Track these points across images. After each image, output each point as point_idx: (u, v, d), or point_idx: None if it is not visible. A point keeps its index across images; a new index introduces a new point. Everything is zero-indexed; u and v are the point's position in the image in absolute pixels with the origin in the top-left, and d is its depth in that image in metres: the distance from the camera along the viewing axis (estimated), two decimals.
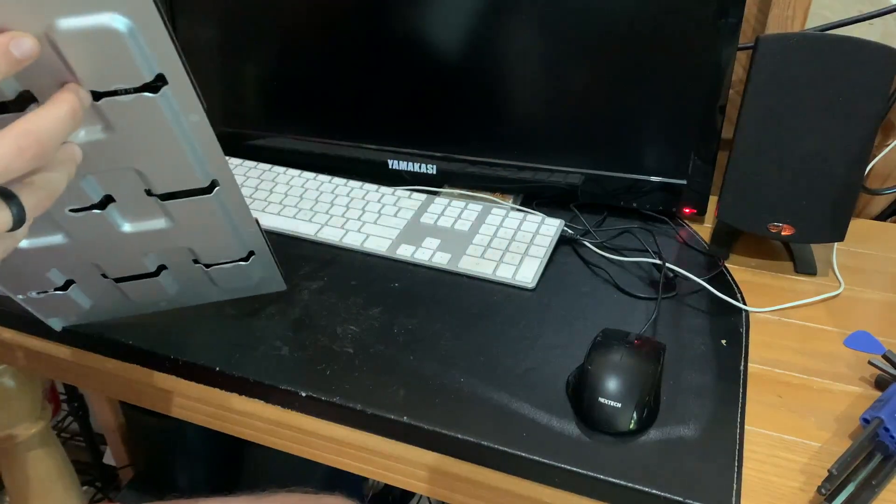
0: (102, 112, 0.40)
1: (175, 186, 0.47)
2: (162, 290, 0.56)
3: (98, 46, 0.37)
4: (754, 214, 0.67)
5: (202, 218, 0.49)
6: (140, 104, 0.41)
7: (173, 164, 0.45)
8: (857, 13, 0.72)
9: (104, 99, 0.40)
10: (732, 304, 0.63)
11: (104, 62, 0.38)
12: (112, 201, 0.47)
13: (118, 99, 0.40)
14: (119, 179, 0.46)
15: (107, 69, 0.39)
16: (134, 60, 0.38)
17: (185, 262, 0.54)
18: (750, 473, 0.47)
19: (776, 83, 0.62)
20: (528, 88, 0.74)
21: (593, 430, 0.49)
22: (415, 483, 0.54)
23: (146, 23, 0.37)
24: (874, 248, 0.74)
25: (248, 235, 0.53)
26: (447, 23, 0.73)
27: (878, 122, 0.62)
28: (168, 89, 0.41)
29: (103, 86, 0.39)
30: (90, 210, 0.47)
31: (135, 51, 0.38)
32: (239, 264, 0.55)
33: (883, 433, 0.47)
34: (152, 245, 0.51)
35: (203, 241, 0.52)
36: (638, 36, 0.68)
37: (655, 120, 0.72)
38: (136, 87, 0.40)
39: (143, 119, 0.41)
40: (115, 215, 0.48)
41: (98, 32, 0.36)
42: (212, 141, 0.45)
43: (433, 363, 0.55)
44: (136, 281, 0.54)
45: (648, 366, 0.51)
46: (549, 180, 0.77)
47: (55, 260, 0.51)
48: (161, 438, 1.12)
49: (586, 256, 0.70)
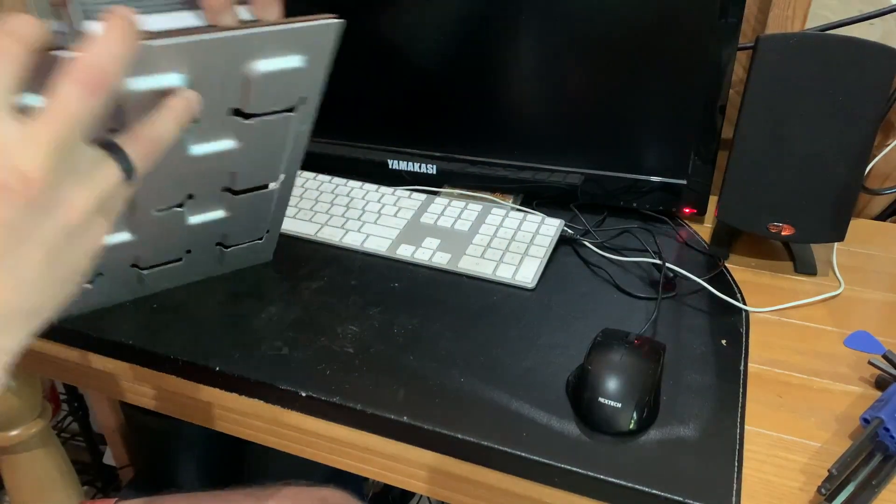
0: (243, 129, 0.41)
1: (255, 183, 0.47)
2: (176, 273, 0.55)
3: (277, 79, 0.39)
4: (754, 214, 0.67)
5: (255, 206, 0.50)
6: (278, 121, 0.43)
7: (268, 165, 0.46)
8: (857, 13, 0.72)
9: (253, 118, 0.40)
10: (732, 304, 0.63)
11: (274, 91, 0.40)
12: (191, 198, 0.47)
13: (264, 118, 0.41)
14: (211, 180, 0.46)
15: (273, 96, 0.41)
16: (297, 88, 0.41)
17: (209, 246, 0.54)
18: (750, 473, 0.47)
19: (776, 83, 0.62)
20: (528, 88, 0.74)
21: (593, 430, 0.49)
22: (415, 483, 0.54)
23: (319, 59, 0.40)
24: (874, 248, 0.74)
25: (278, 217, 0.53)
26: (447, 22, 0.73)
27: (878, 122, 0.62)
28: (304, 108, 0.42)
29: (261, 108, 0.40)
30: (172, 209, 0.47)
31: (301, 81, 0.41)
32: (255, 243, 0.55)
33: (883, 433, 0.47)
34: (200, 234, 0.51)
35: (243, 226, 0.52)
36: (638, 36, 0.68)
37: (655, 120, 0.72)
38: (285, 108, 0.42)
39: (271, 132, 0.43)
40: (187, 212, 0.48)
41: (284, 69, 0.39)
42: (306, 143, 0.46)
43: (433, 363, 0.55)
44: (161, 268, 0.54)
45: (648, 366, 0.51)
46: (549, 180, 0.77)
47: (103, 256, 0.50)
48: (161, 438, 1.12)
49: (586, 256, 0.70)
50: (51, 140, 0.28)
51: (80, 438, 1.30)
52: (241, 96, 0.39)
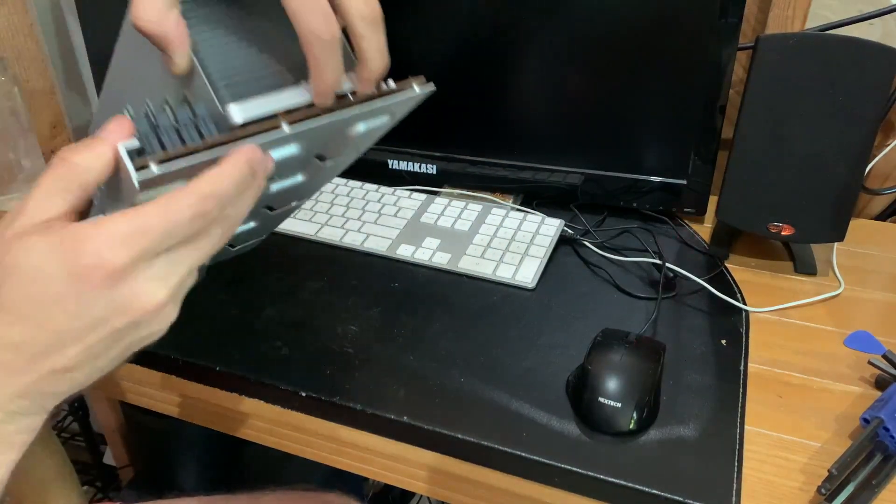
0: (316, 167, 0.42)
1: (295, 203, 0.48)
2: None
3: (366, 135, 0.40)
4: (754, 214, 0.67)
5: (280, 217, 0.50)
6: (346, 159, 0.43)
7: (316, 189, 0.47)
8: (857, 13, 0.72)
9: (329, 160, 0.41)
10: (732, 304, 0.63)
11: (358, 142, 0.41)
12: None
13: (337, 159, 0.42)
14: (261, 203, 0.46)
15: (354, 145, 0.41)
16: (376, 136, 0.41)
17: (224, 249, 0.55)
18: (750, 473, 0.47)
19: (776, 83, 0.62)
20: (529, 88, 0.74)
21: (593, 429, 0.49)
22: (415, 483, 0.54)
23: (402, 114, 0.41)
24: (874, 248, 0.74)
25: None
26: (447, 23, 0.73)
27: (878, 122, 0.62)
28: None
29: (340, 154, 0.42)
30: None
31: (382, 132, 0.41)
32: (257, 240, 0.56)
33: (883, 433, 0.47)
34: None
35: (261, 233, 0.52)
36: (638, 36, 0.68)
37: (655, 120, 0.71)
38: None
39: (336, 167, 0.43)
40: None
41: (375, 127, 0.40)
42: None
43: (433, 363, 0.55)
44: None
45: (648, 366, 0.51)
46: (549, 180, 0.77)
47: None
48: (161, 438, 1.12)
49: (586, 256, 0.70)
50: (145, 243, 0.29)
51: (80, 438, 1.30)
52: (329, 149, 0.40)
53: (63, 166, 0.30)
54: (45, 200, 0.29)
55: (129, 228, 0.28)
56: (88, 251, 0.28)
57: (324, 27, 0.32)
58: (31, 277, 0.28)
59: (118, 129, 0.30)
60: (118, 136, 0.30)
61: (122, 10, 0.36)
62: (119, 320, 0.30)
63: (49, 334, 0.29)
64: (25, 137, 0.82)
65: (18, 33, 0.96)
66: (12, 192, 0.82)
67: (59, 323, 0.29)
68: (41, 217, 0.29)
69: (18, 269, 0.28)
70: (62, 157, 0.30)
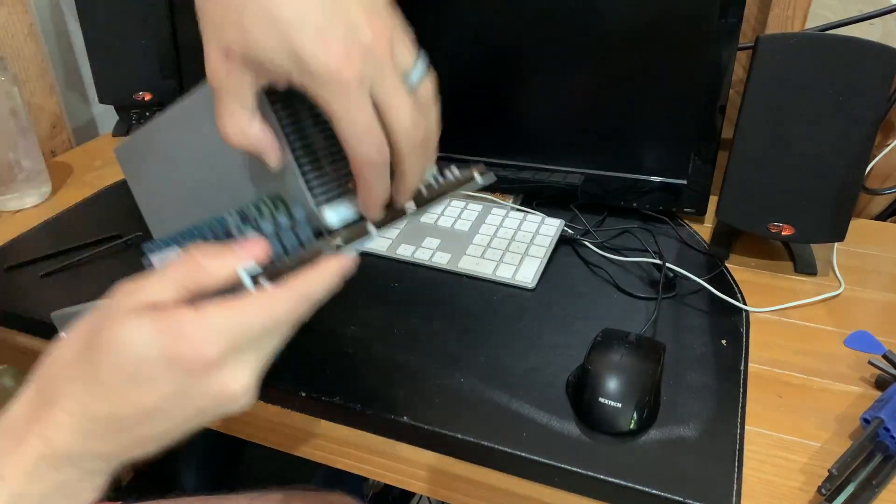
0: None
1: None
2: None
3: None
4: (754, 214, 0.67)
5: None
6: None
7: None
8: (858, 13, 0.72)
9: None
10: (732, 304, 0.63)
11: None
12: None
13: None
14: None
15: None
16: None
17: None
18: (750, 473, 0.47)
19: (776, 83, 0.62)
20: (528, 88, 0.74)
21: (593, 430, 0.49)
22: (415, 483, 0.54)
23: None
24: (874, 248, 0.74)
25: None
26: (446, 23, 0.73)
27: (878, 122, 0.62)
28: None
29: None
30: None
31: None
32: None
33: (883, 433, 0.47)
34: None
35: None
36: (638, 36, 0.68)
37: (655, 120, 0.71)
38: None
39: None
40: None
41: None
42: None
43: (433, 363, 0.55)
44: None
45: (648, 366, 0.51)
46: (549, 180, 0.77)
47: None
48: None
49: (586, 256, 0.70)
50: (241, 338, 0.30)
51: None
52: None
53: (192, 264, 0.31)
54: (161, 286, 0.31)
55: (229, 324, 0.30)
56: (188, 341, 0.29)
57: (375, 154, 0.33)
58: (130, 358, 0.29)
59: (253, 248, 0.33)
60: (250, 256, 0.32)
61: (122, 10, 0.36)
62: (205, 403, 0.31)
63: (136, 411, 0.30)
64: (25, 137, 0.82)
65: (18, 33, 0.96)
66: (12, 192, 0.82)
67: (148, 402, 0.30)
68: (152, 299, 0.30)
69: (120, 347, 0.29)
70: (195, 258, 0.32)
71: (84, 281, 0.67)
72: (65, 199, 0.85)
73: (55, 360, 0.32)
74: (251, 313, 0.30)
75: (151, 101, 0.98)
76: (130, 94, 0.97)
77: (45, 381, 0.32)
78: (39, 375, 0.32)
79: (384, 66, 0.32)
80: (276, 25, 0.29)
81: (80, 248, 0.72)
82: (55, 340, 0.33)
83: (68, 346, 0.32)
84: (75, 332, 0.32)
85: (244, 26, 0.30)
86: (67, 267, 0.69)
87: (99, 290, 0.65)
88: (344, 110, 0.31)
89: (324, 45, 0.29)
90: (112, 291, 0.32)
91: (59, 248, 0.72)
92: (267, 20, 0.29)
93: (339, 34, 0.30)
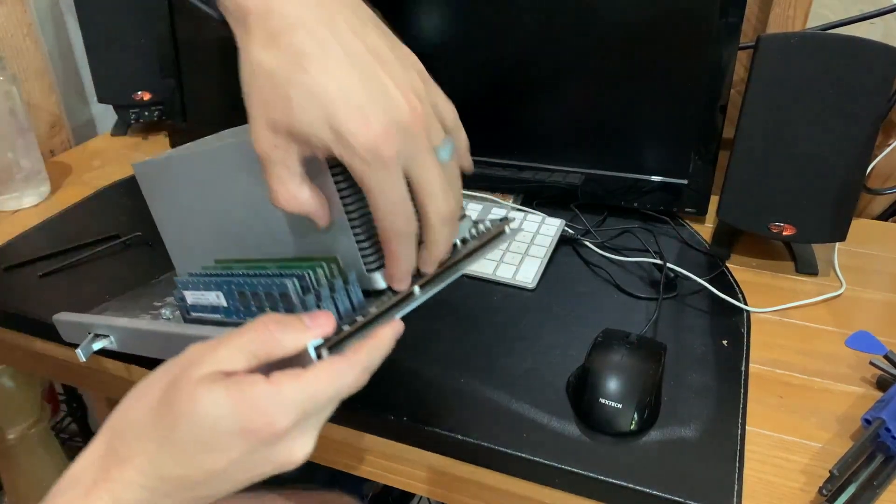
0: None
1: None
2: None
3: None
4: (755, 214, 0.67)
5: None
6: None
7: None
8: (858, 13, 0.72)
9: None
10: (733, 305, 0.63)
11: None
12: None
13: None
14: None
15: None
16: None
17: None
18: (751, 474, 0.47)
19: (777, 83, 0.62)
20: (529, 88, 0.74)
21: (594, 430, 0.49)
22: (415, 483, 0.54)
23: None
24: (875, 248, 0.74)
25: None
26: (445, 23, 0.73)
27: (879, 122, 0.62)
28: None
29: None
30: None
31: None
32: None
33: (884, 434, 0.47)
34: None
35: None
36: (639, 35, 0.68)
37: (656, 119, 0.71)
38: None
39: None
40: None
41: None
42: None
43: (433, 363, 0.55)
44: None
45: (649, 366, 0.51)
46: (549, 180, 0.77)
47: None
48: None
49: (587, 256, 0.70)
50: (310, 409, 0.32)
51: (79, 438, 1.30)
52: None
53: (265, 334, 0.32)
54: (235, 354, 0.32)
55: (299, 397, 0.31)
56: (263, 414, 0.31)
57: (404, 226, 0.35)
58: (207, 426, 0.31)
59: (324, 325, 0.34)
60: (321, 334, 0.34)
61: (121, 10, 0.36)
62: (269, 468, 0.33)
63: (206, 475, 0.32)
64: (24, 137, 0.81)
65: (18, 33, 0.95)
66: (11, 192, 0.82)
67: (218, 467, 0.31)
68: (226, 367, 0.32)
69: (197, 414, 0.31)
70: (267, 326, 0.33)
71: (83, 281, 0.67)
72: (63, 198, 0.85)
73: (129, 416, 0.33)
74: (320, 386, 0.32)
75: (151, 101, 0.98)
76: (130, 94, 0.97)
77: (118, 436, 0.33)
78: (111, 428, 0.33)
79: (419, 143, 0.33)
80: (320, 102, 0.31)
81: (79, 248, 0.72)
82: (130, 392, 0.34)
83: (143, 403, 0.33)
84: (150, 389, 0.33)
85: (290, 103, 0.31)
86: (66, 267, 0.69)
87: (98, 290, 0.66)
88: (378, 185, 0.33)
89: (364, 122, 0.31)
90: (186, 352, 0.33)
91: (57, 248, 0.71)
92: (311, 97, 0.31)
93: (378, 112, 0.31)
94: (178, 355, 0.33)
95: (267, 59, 0.32)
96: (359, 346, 0.34)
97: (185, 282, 0.47)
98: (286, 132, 0.32)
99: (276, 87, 0.32)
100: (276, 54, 0.31)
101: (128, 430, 0.32)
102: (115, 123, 1.04)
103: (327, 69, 0.31)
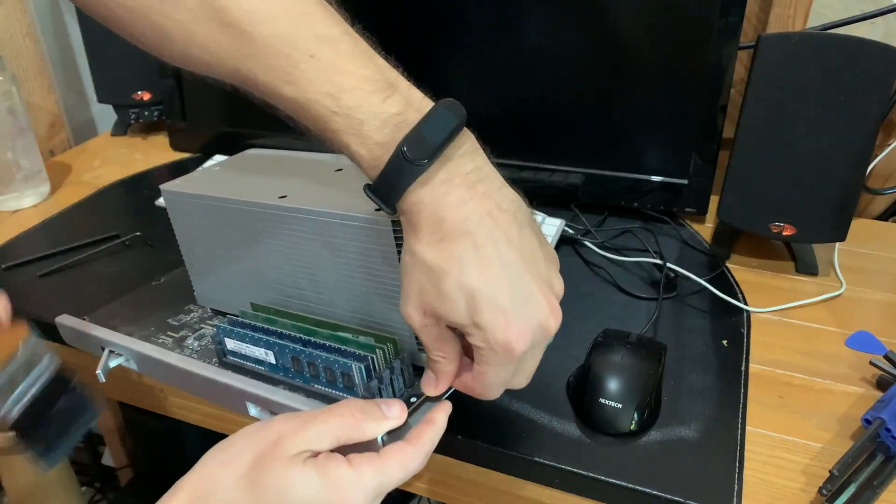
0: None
1: None
2: None
3: None
4: (755, 214, 0.67)
5: None
6: None
7: None
8: (859, 12, 0.72)
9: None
10: (734, 305, 0.63)
11: None
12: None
13: None
14: None
15: None
16: None
17: None
18: (751, 474, 0.47)
19: (777, 82, 0.62)
20: (529, 88, 0.74)
21: (594, 430, 0.49)
22: (415, 483, 0.54)
23: None
24: (876, 248, 0.74)
25: None
26: (444, 22, 0.73)
27: (879, 122, 0.61)
28: None
29: None
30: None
31: None
32: None
33: (885, 434, 0.47)
34: None
35: None
36: (639, 35, 0.68)
37: (656, 119, 0.71)
38: None
39: None
40: None
41: None
42: None
43: None
44: None
45: (649, 366, 0.51)
46: (549, 180, 0.77)
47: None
48: (160, 439, 1.11)
49: (587, 256, 0.70)
50: (382, 492, 0.35)
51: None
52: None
53: (353, 421, 0.36)
54: (323, 437, 0.35)
55: (375, 482, 0.35)
56: (345, 497, 0.34)
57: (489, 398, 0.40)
58: (295, 502, 0.33)
59: (399, 415, 0.38)
60: (396, 423, 0.38)
61: None
62: None
63: None
64: (24, 137, 0.81)
65: (17, 33, 0.95)
66: (10, 192, 0.82)
67: None
68: (314, 448, 0.35)
69: (288, 492, 0.33)
70: (354, 415, 0.36)
71: (83, 281, 0.67)
72: (63, 198, 0.85)
73: (215, 481, 0.34)
74: (393, 472, 0.35)
75: (150, 101, 0.98)
76: (129, 94, 0.97)
77: (202, 499, 0.34)
78: (193, 488, 0.34)
79: (544, 341, 0.38)
80: (468, 295, 0.35)
81: (79, 248, 0.72)
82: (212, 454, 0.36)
83: (230, 471, 0.34)
84: (238, 457, 0.34)
85: (441, 294, 0.36)
86: (66, 267, 0.69)
87: (98, 290, 0.65)
88: (496, 370, 0.37)
89: (504, 323, 0.35)
90: (274, 424, 0.36)
91: (57, 248, 0.71)
92: (461, 290, 0.35)
93: (519, 316, 0.35)
94: (264, 426, 0.36)
95: (430, 256, 0.36)
96: (421, 432, 0.38)
97: (229, 330, 0.49)
98: (434, 316, 0.37)
99: (433, 279, 0.36)
100: (437, 255, 0.36)
101: (214, 494, 0.34)
102: (114, 123, 1.04)
103: (481, 274, 0.35)
